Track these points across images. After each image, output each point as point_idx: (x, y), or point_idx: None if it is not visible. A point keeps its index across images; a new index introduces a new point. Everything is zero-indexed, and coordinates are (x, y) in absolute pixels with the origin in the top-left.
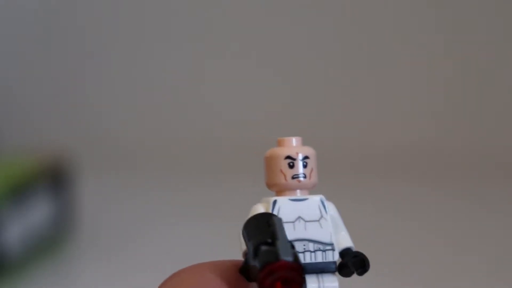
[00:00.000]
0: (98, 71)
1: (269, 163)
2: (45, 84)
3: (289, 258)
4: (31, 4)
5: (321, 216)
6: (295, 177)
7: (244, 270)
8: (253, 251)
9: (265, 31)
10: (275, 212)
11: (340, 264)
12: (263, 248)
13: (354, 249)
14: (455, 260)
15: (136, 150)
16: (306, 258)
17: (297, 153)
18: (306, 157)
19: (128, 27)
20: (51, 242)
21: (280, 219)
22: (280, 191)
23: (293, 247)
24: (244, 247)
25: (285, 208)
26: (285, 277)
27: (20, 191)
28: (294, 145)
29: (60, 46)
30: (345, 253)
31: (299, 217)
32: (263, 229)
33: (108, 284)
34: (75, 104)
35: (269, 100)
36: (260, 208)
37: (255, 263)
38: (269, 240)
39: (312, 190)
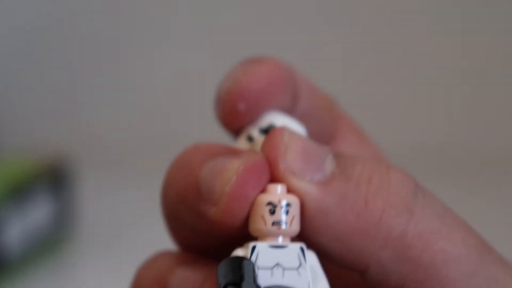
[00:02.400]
0: (98, 71)
1: (252, 209)
2: (45, 84)
3: None
4: (29, 5)
5: (300, 265)
6: (275, 223)
7: None
8: None
9: (264, 31)
10: (253, 258)
11: None
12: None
13: None
14: None
15: (137, 150)
16: None
17: (279, 200)
18: (288, 205)
19: (127, 27)
20: (51, 242)
21: (251, 263)
22: (261, 237)
23: None
24: None
25: (264, 254)
26: None
27: (20, 191)
28: (278, 192)
29: (60, 46)
30: None
31: (277, 264)
32: (234, 270)
33: (108, 284)
34: (75, 104)
35: None
36: (239, 253)
37: None
38: (238, 281)
39: (293, 237)
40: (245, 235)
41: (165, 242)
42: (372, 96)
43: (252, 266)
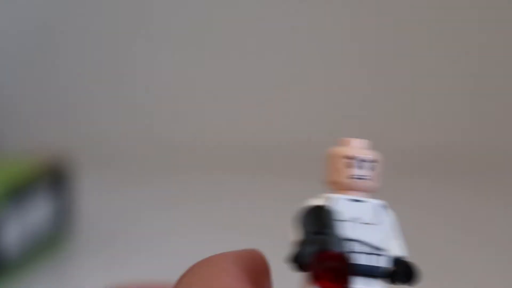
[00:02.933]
0: (97, 72)
1: (332, 160)
2: (44, 84)
3: (340, 249)
4: (30, 6)
5: (379, 221)
6: (356, 177)
7: (294, 258)
8: (306, 236)
9: (268, 30)
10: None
11: (392, 271)
12: (316, 236)
13: (408, 259)
14: (460, 258)
15: (135, 150)
16: (358, 259)
17: (363, 154)
18: (371, 160)
19: (126, 29)
20: (50, 242)
21: (333, 212)
22: (339, 190)
23: (343, 239)
24: (293, 237)
25: (343, 207)
26: (338, 268)
27: (20, 191)
28: (360, 146)
29: (59, 47)
30: (398, 261)
31: (356, 218)
32: (318, 220)
33: (106, 282)
34: (75, 104)
35: (267, 100)
36: (316, 202)
37: (309, 250)
38: (324, 230)
39: (374, 194)
40: None
41: (164, 242)
42: (374, 98)
43: (334, 215)
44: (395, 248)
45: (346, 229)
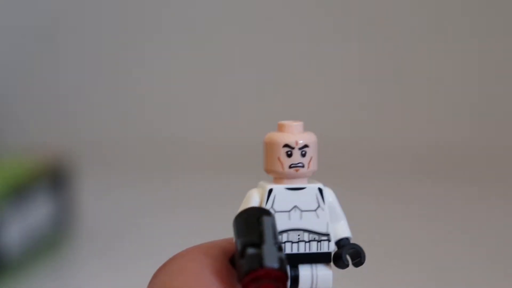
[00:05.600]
0: (96, 73)
1: (268, 149)
2: (45, 85)
3: (274, 265)
4: (31, 8)
5: (318, 206)
6: (292, 166)
7: (233, 262)
8: (240, 251)
9: (264, 30)
10: (270, 201)
11: (336, 255)
12: (250, 251)
13: (352, 239)
14: (462, 258)
15: (134, 150)
16: (300, 248)
17: (296, 142)
18: (305, 146)
19: (126, 31)
20: (50, 242)
21: (271, 218)
22: (277, 179)
23: (280, 249)
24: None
25: (281, 197)
26: (268, 286)
27: (20, 191)
28: (294, 132)
29: (60, 48)
30: (341, 244)
31: (295, 207)
32: (252, 228)
33: (107, 282)
34: (75, 105)
35: (266, 101)
36: (255, 196)
37: (241, 264)
38: (257, 241)
39: (311, 177)
40: None
41: (164, 242)
42: (375, 98)
43: (272, 221)
44: (338, 230)
45: (284, 220)
